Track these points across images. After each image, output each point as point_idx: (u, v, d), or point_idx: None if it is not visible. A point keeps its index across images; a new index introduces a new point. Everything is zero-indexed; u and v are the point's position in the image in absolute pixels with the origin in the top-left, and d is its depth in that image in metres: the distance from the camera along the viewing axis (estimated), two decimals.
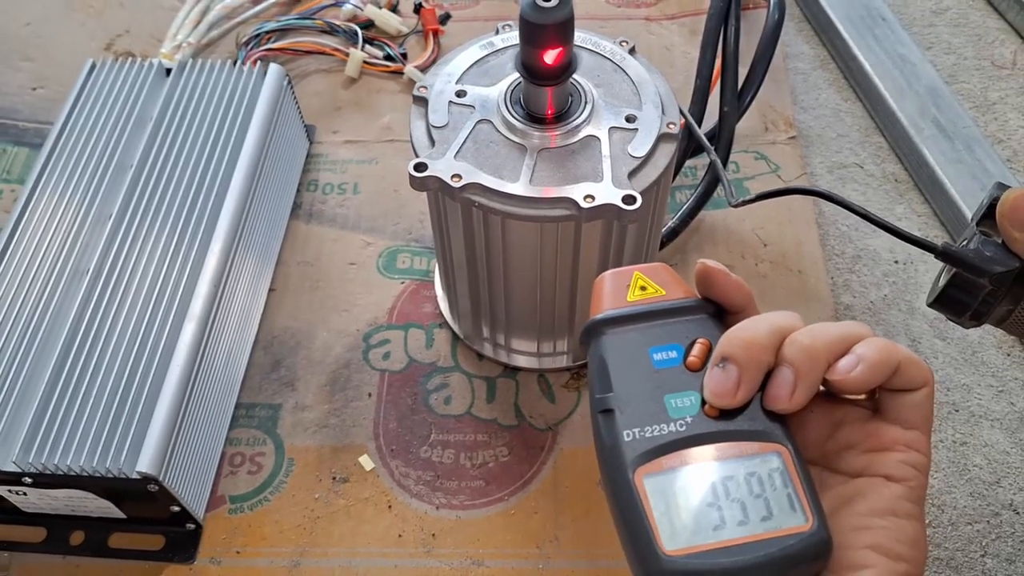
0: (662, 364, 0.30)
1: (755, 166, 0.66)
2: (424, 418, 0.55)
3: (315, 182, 0.66)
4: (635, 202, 0.43)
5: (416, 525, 0.51)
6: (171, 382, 0.49)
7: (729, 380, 0.29)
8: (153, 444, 0.46)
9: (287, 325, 0.59)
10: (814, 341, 0.29)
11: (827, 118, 0.70)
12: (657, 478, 0.28)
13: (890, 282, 0.61)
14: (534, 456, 0.53)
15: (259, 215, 0.59)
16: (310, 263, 0.62)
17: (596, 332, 0.31)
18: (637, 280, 0.33)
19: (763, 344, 0.29)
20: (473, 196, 0.45)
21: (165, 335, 0.50)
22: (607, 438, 0.29)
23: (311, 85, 0.72)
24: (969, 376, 0.57)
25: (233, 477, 0.53)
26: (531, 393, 0.56)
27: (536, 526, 0.51)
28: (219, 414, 0.54)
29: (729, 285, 0.32)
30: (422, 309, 0.60)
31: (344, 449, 0.54)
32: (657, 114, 0.47)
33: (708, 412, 0.29)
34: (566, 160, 0.45)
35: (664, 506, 0.27)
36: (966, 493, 0.53)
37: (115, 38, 0.76)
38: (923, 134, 0.65)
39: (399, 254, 0.62)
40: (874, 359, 0.29)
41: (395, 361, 0.57)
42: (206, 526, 0.51)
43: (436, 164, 0.45)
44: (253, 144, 0.58)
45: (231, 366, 0.56)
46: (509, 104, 0.47)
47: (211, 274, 0.53)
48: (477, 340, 0.57)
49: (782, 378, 0.29)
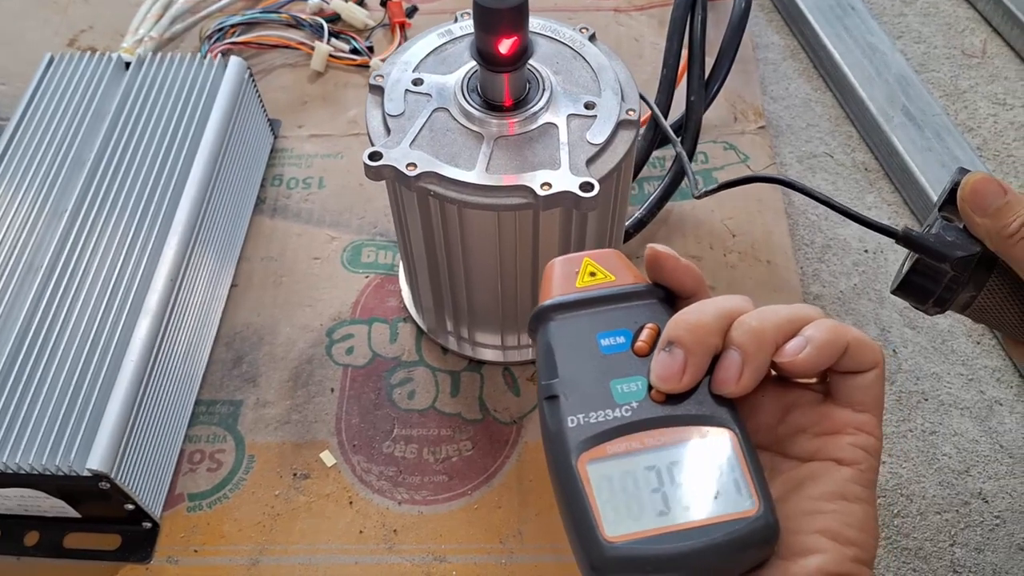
0: (609, 349, 0.30)
1: (724, 156, 0.65)
2: (387, 413, 0.54)
3: (280, 177, 0.65)
4: (593, 189, 0.42)
5: (378, 521, 0.50)
6: (124, 378, 0.48)
7: (675, 364, 0.28)
8: (105, 441, 0.45)
9: (249, 321, 0.58)
10: (762, 323, 0.29)
11: (797, 108, 0.70)
12: (601, 464, 0.27)
13: (860, 271, 0.60)
14: (498, 450, 0.53)
15: (220, 210, 0.58)
16: (274, 258, 0.61)
17: (544, 318, 0.31)
18: (587, 266, 0.32)
19: (710, 327, 0.29)
20: (429, 185, 0.44)
21: (119, 331, 0.49)
22: (551, 424, 0.28)
23: (277, 79, 0.71)
24: (939, 365, 0.57)
25: (192, 474, 0.52)
26: (496, 386, 0.55)
27: (500, 520, 0.50)
28: (178, 411, 0.53)
29: (678, 270, 0.31)
30: (387, 303, 0.59)
31: (306, 445, 0.53)
32: (616, 101, 0.46)
33: (655, 397, 0.28)
34: (523, 148, 0.45)
35: (607, 492, 0.27)
36: (935, 482, 0.52)
37: (79, 33, 0.75)
38: (892, 123, 0.65)
39: (364, 248, 0.62)
40: (822, 340, 0.29)
41: (358, 356, 0.57)
42: (163, 525, 0.51)
43: (391, 153, 0.44)
44: (212, 138, 0.57)
45: (190, 362, 0.55)
46: (466, 92, 0.46)
47: (167, 269, 0.52)
48: (441, 334, 0.57)
49: (729, 361, 0.29)
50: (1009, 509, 0.51)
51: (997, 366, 0.56)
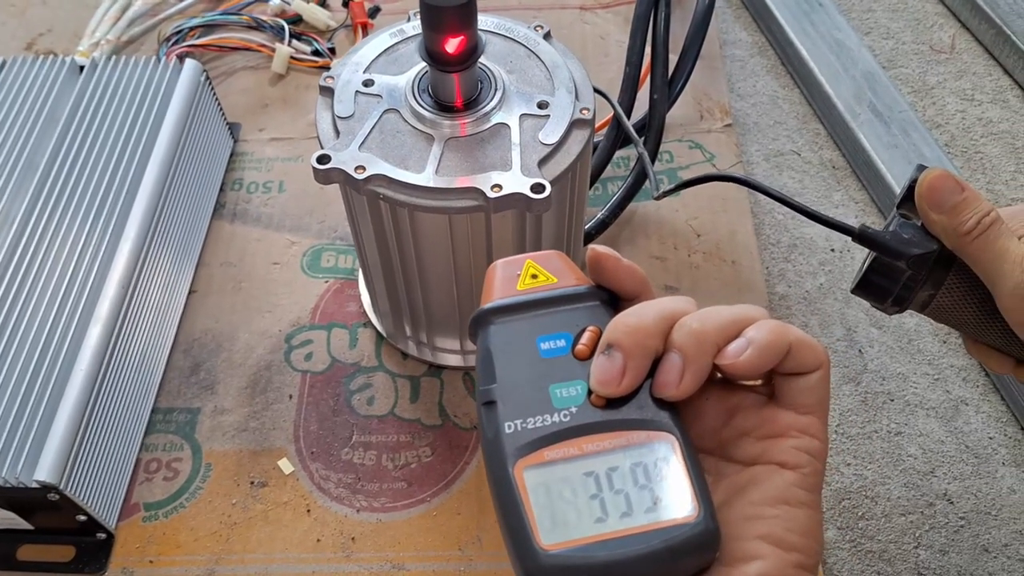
0: (549, 353, 0.29)
1: (689, 155, 0.65)
2: (346, 419, 0.54)
3: (239, 181, 0.65)
4: (544, 191, 0.42)
5: (335, 529, 0.50)
6: (75, 387, 0.47)
7: (614, 367, 0.28)
8: (53, 452, 0.45)
9: (208, 327, 0.58)
10: (703, 325, 0.28)
11: (764, 105, 0.69)
12: (537, 471, 0.27)
13: (826, 271, 0.60)
14: (457, 456, 0.52)
15: (175, 215, 0.57)
16: (233, 264, 0.60)
17: (483, 322, 0.30)
18: (528, 268, 0.31)
19: (649, 330, 0.28)
20: (378, 188, 0.43)
21: (69, 339, 0.48)
22: (488, 431, 0.28)
23: (238, 82, 0.70)
24: (905, 365, 0.56)
25: (148, 484, 0.52)
26: (456, 392, 0.54)
27: (459, 527, 0.49)
28: (133, 419, 0.52)
29: (619, 270, 0.30)
30: (346, 308, 0.58)
31: (264, 453, 0.52)
32: (570, 100, 0.45)
33: (594, 401, 0.28)
34: (475, 149, 0.44)
35: (544, 499, 0.26)
36: (900, 484, 0.52)
37: (37, 37, 0.74)
38: (859, 119, 0.64)
39: (324, 252, 0.61)
40: (764, 342, 0.28)
41: (317, 362, 0.56)
42: (118, 535, 0.50)
43: (339, 156, 0.43)
44: (167, 142, 0.56)
45: (146, 370, 0.54)
46: (417, 93, 0.45)
47: (120, 275, 0.51)
48: (401, 339, 0.56)
49: (670, 364, 0.28)
50: (974, 510, 0.50)
51: (963, 365, 0.56)
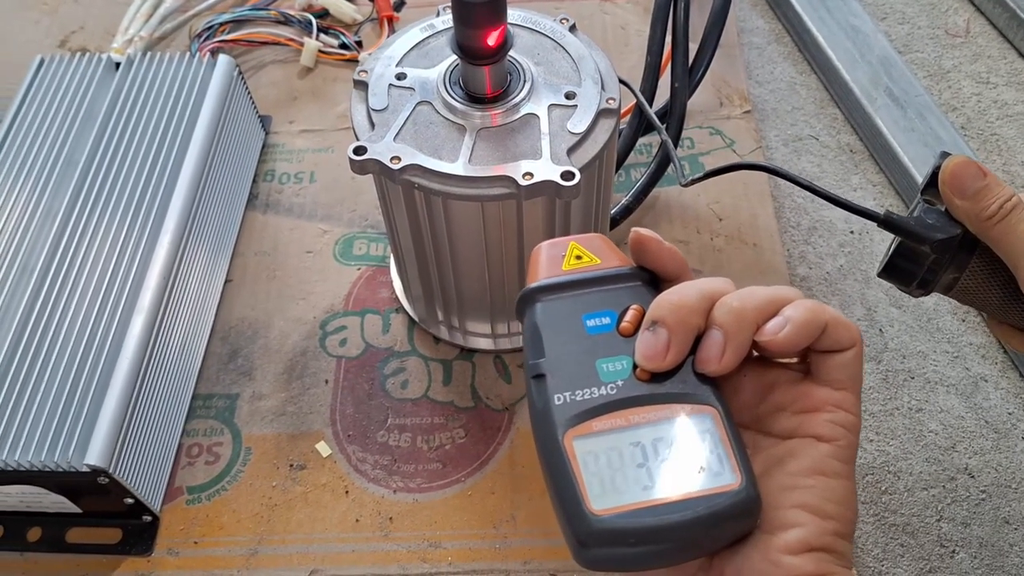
0: (595, 330, 0.30)
1: (710, 141, 0.66)
2: (381, 403, 0.55)
3: (271, 172, 0.66)
4: (573, 178, 0.43)
5: (373, 509, 0.51)
6: (120, 374, 0.48)
7: (659, 343, 0.29)
8: (102, 436, 0.46)
9: (244, 315, 0.59)
10: (743, 304, 0.30)
11: (782, 91, 0.70)
12: (587, 440, 0.28)
13: (846, 252, 0.61)
14: (491, 437, 0.53)
15: (211, 206, 0.58)
16: (267, 253, 0.62)
17: (530, 300, 0.31)
18: (573, 250, 0.33)
19: (692, 307, 0.29)
20: (413, 178, 0.44)
21: (114, 328, 0.50)
22: (538, 402, 0.29)
23: (267, 76, 0.72)
24: (925, 343, 0.57)
25: (191, 468, 0.53)
26: (487, 374, 0.56)
27: (493, 506, 0.51)
28: (175, 405, 0.54)
29: (662, 252, 0.32)
30: (378, 295, 0.60)
31: (301, 436, 0.54)
32: (596, 90, 0.47)
33: (639, 376, 0.29)
34: (505, 139, 0.45)
35: (593, 467, 0.27)
36: (922, 459, 0.53)
37: (69, 35, 0.76)
38: (876, 104, 0.65)
39: (355, 241, 0.62)
40: (801, 320, 0.29)
41: (352, 347, 0.57)
42: (163, 518, 0.51)
43: (375, 147, 0.45)
44: (202, 135, 0.58)
45: (186, 357, 0.55)
46: (448, 85, 0.47)
47: (160, 266, 0.53)
48: (433, 324, 0.57)
49: (712, 340, 0.29)
50: (994, 483, 0.52)
51: (982, 343, 0.57)
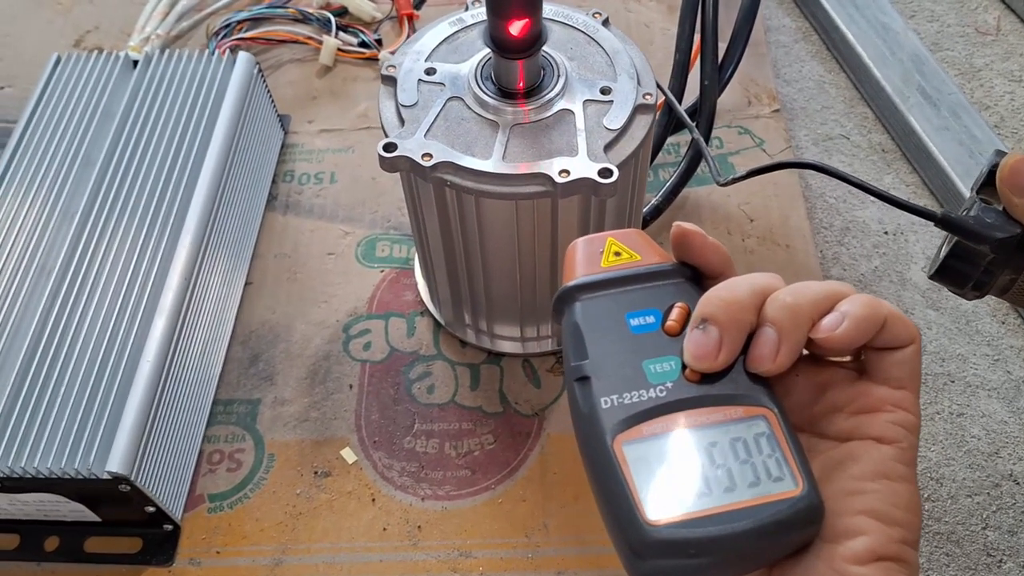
0: (639, 329, 0.29)
1: (739, 141, 0.64)
2: (407, 408, 0.54)
3: (291, 172, 0.65)
4: (611, 175, 0.42)
5: (401, 518, 0.50)
6: (141, 379, 0.47)
7: (710, 342, 0.28)
8: (123, 443, 0.45)
9: (265, 318, 0.58)
10: (797, 299, 0.28)
11: (811, 90, 0.69)
12: (637, 445, 0.26)
13: (880, 253, 0.60)
14: (520, 443, 0.52)
15: (232, 207, 0.57)
16: (287, 255, 0.61)
17: (569, 299, 0.30)
18: (611, 246, 0.31)
19: (744, 304, 0.28)
20: (445, 175, 0.43)
21: (134, 331, 0.49)
22: (584, 406, 0.28)
23: (285, 75, 0.70)
24: (964, 346, 0.56)
25: (212, 475, 0.52)
26: (516, 379, 0.54)
27: (524, 514, 0.49)
28: (196, 411, 0.53)
29: (706, 247, 0.30)
30: (402, 297, 0.58)
31: (326, 442, 0.53)
32: (632, 85, 0.45)
33: (689, 377, 0.28)
34: (540, 135, 0.44)
35: (646, 474, 0.26)
36: (965, 465, 0.51)
37: (84, 34, 0.75)
38: (908, 102, 0.64)
39: (378, 242, 0.61)
40: (859, 315, 0.28)
41: (376, 351, 0.56)
42: (184, 526, 0.50)
43: (406, 144, 0.44)
44: (223, 134, 0.57)
45: (207, 361, 0.54)
46: (480, 80, 0.45)
47: (181, 268, 0.51)
48: (459, 327, 0.56)
49: (765, 338, 0.28)
50: None
51: (1023, 346, 0.56)
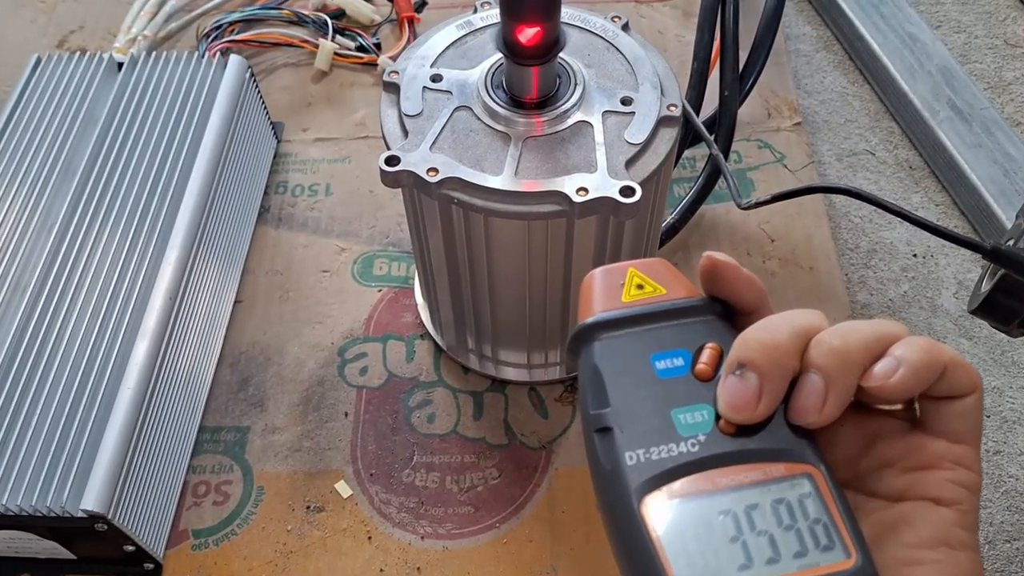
0: (666, 373, 0.26)
1: (759, 155, 0.61)
2: (406, 438, 0.50)
3: (284, 184, 0.62)
4: (634, 194, 0.39)
5: (399, 557, 0.47)
6: (121, 407, 0.44)
7: (748, 390, 0.25)
8: (100, 479, 0.42)
9: (255, 340, 0.55)
10: (846, 343, 0.25)
11: (833, 102, 0.66)
12: (667, 508, 0.24)
13: (909, 277, 0.56)
14: (527, 478, 0.49)
15: (221, 220, 0.54)
16: (279, 271, 0.58)
17: (587, 338, 0.27)
18: (632, 278, 0.28)
19: (786, 347, 0.25)
20: (452, 192, 0.40)
21: (115, 355, 0.45)
22: (606, 462, 0.25)
23: (279, 80, 0.67)
24: (1000, 378, 0.52)
25: (197, 509, 0.49)
26: (522, 408, 0.51)
27: (531, 556, 0.46)
28: (180, 440, 0.49)
29: (740, 281, 0.27)
30: (402, 319, 0.55)
31: (319, 475, 0.49)
32: (656, 96, 0.42)
33: (724, 428, 0.25)
34: (555, 149, 0.41)
35: (678, 542, 0.23)
36: (1003, 507, 0.48)
37: (68, 34, 0.71)
38: (938, 117, 0.61)
39: (376, 260, 0.58)
40: (916, 362, 0.25)
41: (373, 377, 0.53)
42: (167, 564, 0.47)
43: (409, 157, 0.40)
44: (212, 142, 0.53)
45: (193, 386, 0.51)
46: (490, 88, 0.42)
47: (167, 286, 0.48)
48: (462, 352, 0.53)
49: (811, 386, 0.25)
50: None
51: None
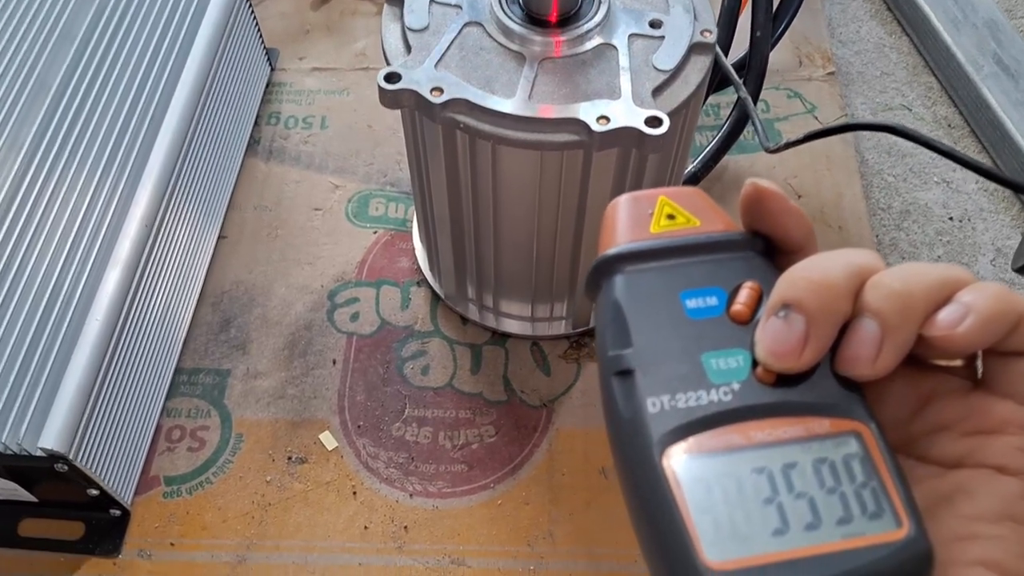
0: (698, 313, 0.23)
1: (788, 105, 0.58)
2: (397, 390, 0.47)
3: (276, 115, 0.59)
4: (661, 125, 0.35)
5: (385, 515, 0.44)
6: (88, 340, 0.41)
7: (793, 334, 0.22)
8: (62, 416, 0.39)
9: (240, 278, 0.52)
10: (907, 285, 0.22)
11: (869, 53, 0.62)
12: (694, 462, 0.21)
13: (944, 241, 0.53)
14: (525, 437, 0.46)
15: (205, 147, 0.50)
16: (268, 207, 0.55)
17: (609, 271, 0.24)
18: (663, 206, 0.25)
19: (839, 287, 0.22)
20: (457, 115, 0.37)
21: (83, 283, 0.42)
22: (624, 408, 0.22)
23: (275, 5, 0.65)
24: None
25: (170, 454, 0.46)
26: (523, 364, 0.48)
27: (527, 519, 0.44)
28: (153, 380, 0.47)
29: (788, 214, 0.24)
30: (397, 264, 0.52)
31: (303, 424, 0.47)
32: (688, 19, 0.38)
33: (761, 377, 0.22)
34: (574, 73, 0.37)
35: (705, 501, 0.21)
36: None
37: None
38: (982, 72, 0.57)
39: (372, 199, 0.55)
40: (987, 310, 0.22)
41: (365, 323, 0.50)
42: (135, 512, 0.45)
43: (412, 74, 0.37)
44: (198, 64, 0.50)
45: (170, 323, 0.48)
46: (505, 3, 0.39)
47: (142, 213, 0.45)
48: (461, 301, 0.50)
49: (864, 332, 0.22)
50: None
51: None
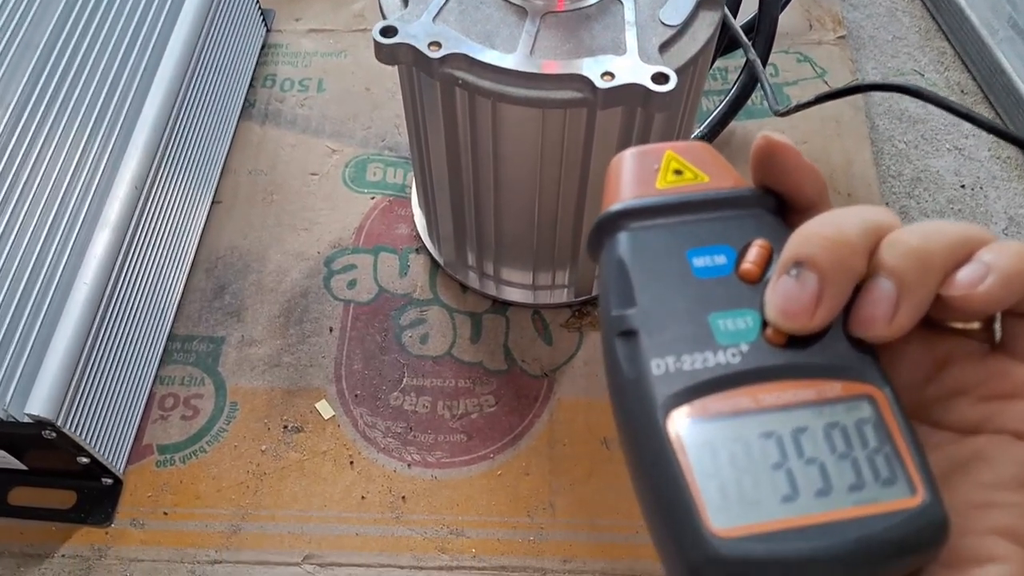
0: (705, 272, 0.23)
1: (797, 69, 0.56)
2: (396, 359, 0.47)
3: (272, 76, 0.57)
4: (668, 82, 0.34)
5: (383, 485, 0.43)
6: (77, 303, 0.40)
7: (805, 293, 0.21)
8: (49, 381, 0.38)
9: (234, 244, 0.51)
10: (926, 242, 0.21)
11: (881, 17, 0.60)
12: (699, 426, 0.21)
13: (955, 210, 0.52)
14: (526, 407, 0.45)
15: (198, 109, 0.49)
16: (263, 172, 0.54)
17: (613, 227, 0.23)
18: (670, 161, 0.24)
19: (854, 244, 0.21)
20: (456, 71, 0.35)
21: (71, 246, 0.41)
22: (628, 370, 0.21)
23: None
24: None
25: (163, 423, 0.46)
26: (524, 333, 0.48)
27: (527, 490, 0.43)
28: (146, 347, 0.46)
29: (801, 170, 0.23)
30: (395, 230, 0.51)
31: (299, 393, 0.46)
32: None
33: (771, 338, 0.21)
34: (578, 27, 0.36)
35: (711, 466, 0.20)
36: None
37: None
38: (997, 36, 0.55)
39: (369, 164, 0.54)
40: (1009, 270, 0.21)
41: (362, 291, 0.49)
42: (127, 481, 0.44)
43: (409, 28, 0.35)
44: (190, 22, 0.49)
45: (162, 289, 0.47)
46: None
47: (132, 173, 0.43)
48: (460, 269, 0.49)
49: (880, 292, 0.21)
50: None
51: None
